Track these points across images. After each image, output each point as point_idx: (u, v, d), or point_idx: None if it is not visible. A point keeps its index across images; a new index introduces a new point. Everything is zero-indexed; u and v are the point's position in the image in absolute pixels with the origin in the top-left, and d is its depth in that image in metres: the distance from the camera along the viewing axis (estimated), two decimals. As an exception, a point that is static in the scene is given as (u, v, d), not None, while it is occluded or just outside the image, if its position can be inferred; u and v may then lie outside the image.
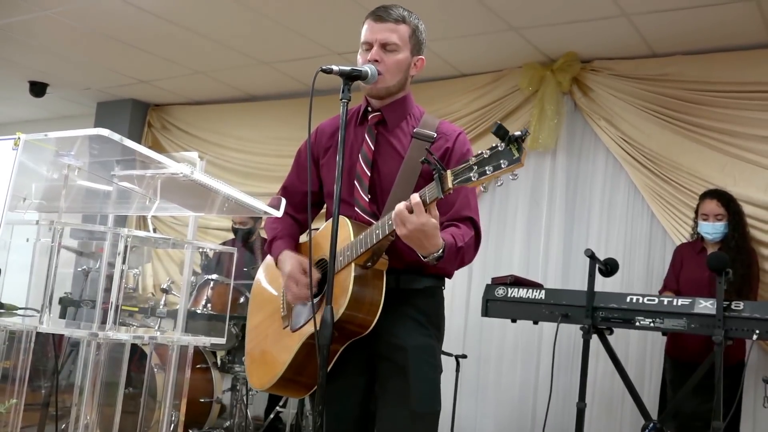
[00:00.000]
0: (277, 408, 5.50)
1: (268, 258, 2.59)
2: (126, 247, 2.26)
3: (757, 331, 3.46)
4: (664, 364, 4.36)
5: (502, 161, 1.83)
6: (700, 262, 4.22)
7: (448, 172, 1.91)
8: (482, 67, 5.62)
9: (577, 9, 4.53)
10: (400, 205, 1.96)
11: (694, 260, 4.28)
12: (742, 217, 4.31)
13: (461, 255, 2.14)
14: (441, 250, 2.01)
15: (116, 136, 1.86)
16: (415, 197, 1.94)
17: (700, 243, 4.33)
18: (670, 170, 4.84)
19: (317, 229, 2.36)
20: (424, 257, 2.03)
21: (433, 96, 5.69)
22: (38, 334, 2.38)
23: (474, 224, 2.23)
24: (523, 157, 1.82)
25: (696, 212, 4.34)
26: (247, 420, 5.21)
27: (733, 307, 3.52)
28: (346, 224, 2.18)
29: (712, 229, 4.20)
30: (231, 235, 6.20)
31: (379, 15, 2.26)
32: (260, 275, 2.60)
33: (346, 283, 2.11)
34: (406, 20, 2.28)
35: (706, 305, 3.58)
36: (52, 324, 2.29)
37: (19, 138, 1.89)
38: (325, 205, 2.50)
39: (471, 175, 1.87)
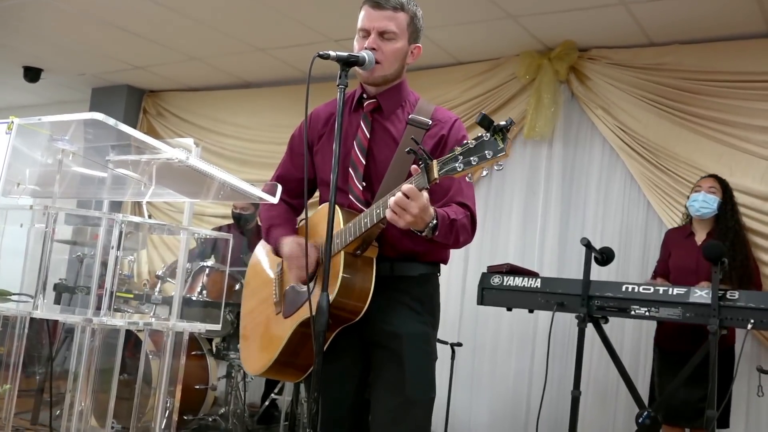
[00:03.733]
0: (273, 395, 5.51)
1: (262, 244, 2.58)
2: (121, 232, 2.25)
3: (752, 321, 3.46)
4: (653, 352, 4.38)
5: (486, 151, 1.84)
6: (688, 246, 4.23)
7: (434, 162, 1.92)
8: (479, 55, 5.61)
9: (575, -3, 4.53)
10: (397, 195, 1.95)
11: (682, 245, 4.29)
12: (736, 204, 4.31)
13: (455, 229, 2.14)
14: (435, 221, 2.02)
15: (111, 121, 1.85)
16: (408, 186, 1.93)
17: (688, 227, 4.32)
18: (666, 160, 4.84)
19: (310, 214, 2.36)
20: (421, 232, 2.03)
21: (430, 84, 5.67)
22: (32, 320, 2.37)
23: (468, 208, 2.22)
24: (508, 148, 1.83)
25: (692, 189, 4.31)
26: (243, 407, 5.22)
27: (728, 296, 3.53)
28: (336, 212, 2.18)
29: (702, 198, 4.15)
30: (225, 221, 6.20)
31: (377, 2, 2.24)
32: (254, 261, 2.60)
33: (336, 270, 2.12)
34: (405, 7, 2.26)
35: (701, 294, 3.59)
36: (46, 310, 2.28)
37: (12, 122, 1.88)
38: (318, 192, 2.49)
39: (456, 165, 1.88)
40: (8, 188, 2.38)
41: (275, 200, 2.27)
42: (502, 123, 1.82)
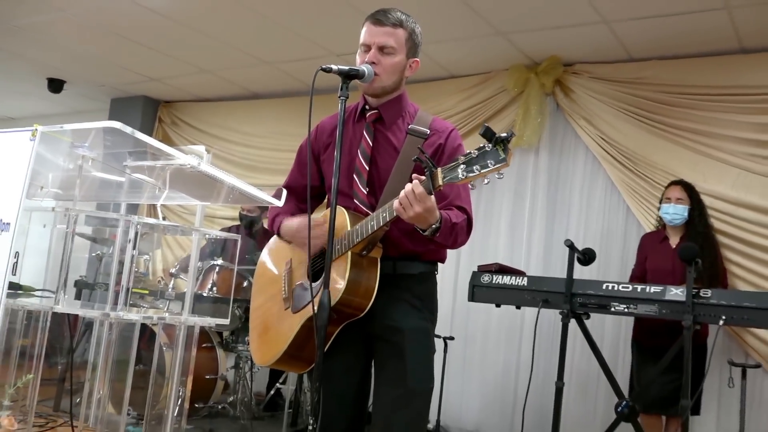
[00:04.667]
0: (278, 384, 5.50)
1: (271, 242, 2.58)
2: (137, 233, 2.25)
3: (724, 317, 3.47)
4: (631, 347, 4.39)
5: (489, 161, 1.83)
6: (663, 250, 4.25)
7: (439, 170, 1.91)
8: (471, 69, 5.61)
9: (560, 15, 4.52)
10: (407, 190, 1.95)
11: (657, 249, 4.31)
12: (704, 207, 4.32)
13: (455, 232, 2.14)
14: (438, 222, 2.03)
15: (128, 129, 1.85)
16: (419, 187, 1.93)
17: (662, 232, 4.34)
18: (644, 167, 4.84)
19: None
20: (424, 231, 2.04)
21: (426, 96, 5.67)
22: (54, 314, 2.37)
23: (465, 212, 2.22)
24: (509, 158, 1.82)
25: (660, 200, 4.35)
26: (249, 395, 5.21)
27: (701, 294, 3.53)
28: (343, 215, 2.18)
29: (673, 210, 4.20)
30: (234, 223, 6.20)
31: (378, 19, 2.24)
32: (263, 258, 2.59)
33: (343, 269, 2.12)
34: (404, 24, 2.26)
35: (676, 293, 3.59)
36: (66, 305, 2.28)
37: (36, 130, 1.87)
38: (326, 197, 2.49)
39: (459, 173, 1.87)
40: (32, 191, 2.37)
41: (280, 203, 2.27)
42: (504, 134, 1.81)
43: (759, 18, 4.22)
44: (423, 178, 1.94)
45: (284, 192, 2.30)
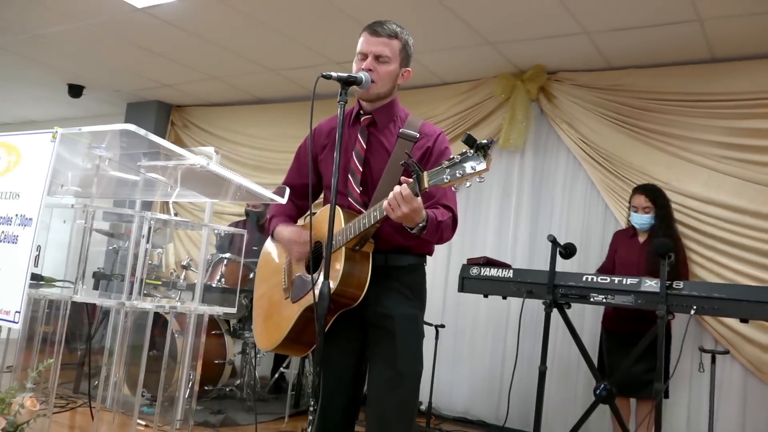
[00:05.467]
0: (282, 369, 5.51)
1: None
2: (150, 228, 2.25)
3: (695, 307, 3.48)
4: (600, 335, 4.40)
5: (470, 166, 1.84)
6: (633, 246, 4.28)
7: (425, 173, 1.92)
8: (462, 77, 5.61)
9: (545, 27, 4.53)
10: (395, 192, 1.96)
11: (627, 244, 4.34)
12: (668, 209, 4.34)
13: (441, 229, 2.15)
14: (425, 221, 2.03)
15: (141, 131, 1.85)
16: (406, 189, 1.94)
17: (632, 229, 4.36)
18: (622, 168, 4.85)
19: (315, 213, 2.36)
20: (411, 229, 2.05)
21: (420, 101, 5.67)
22: (73, 303, 2.37)
23: (451, 210, 2.23)
24: (489, 163, 1.83)
25: (629, 203, 4.37)
26: (255, 379, 5.21)
27: (674, 286, 3.54)
28: (338, 213, 2.19)
29: (640, 220, 4.25)
30: (241, 218, 6.19)
31: (375, 29, 2.24)
32: (265, 252, 2.60)
33: (338, 263, 2.13)
34: (398, 36, 2.27)
35: (651, 284, 3.60)
36: (85, 295, 2.28)
37: (56, 132, 1.87)
38: (323, 194, 2.49)
39: (444, 177, 1.88)
40: (53, 189, 2.38)
41: (284, 201, 2.28)
42: (484, 141, 1.82)
43: (729, 29, 4.23)
44: (410, 180, 1.95)
45: (287, 190, 2.31)
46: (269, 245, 2.59)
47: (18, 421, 1.76)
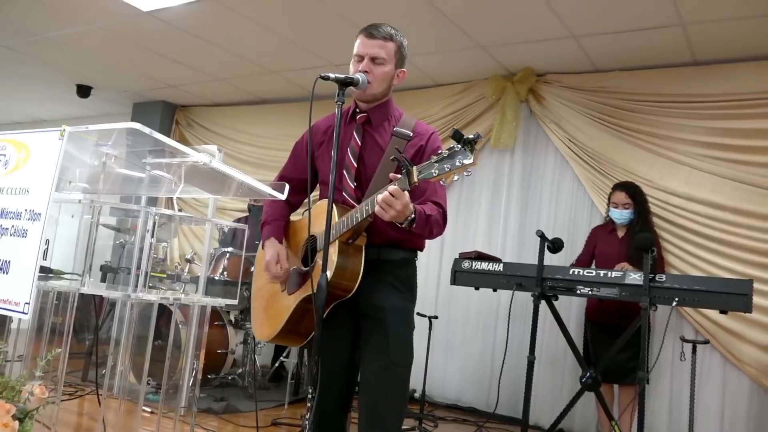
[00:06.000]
0: (281, 358, 5.51)
1: None
2: (154, 223, 2.24)
3: (677, 299, 3.49)
4: (584, 326, 4.41)
5: (457, 160, 1.83)
6: (612, 240, 4.30)
7: (414, 168, 1.92)
8: (455, 79, 5.60)
9: (533, 31, 4.52)
10: (384, 194, 1.95)
11: (607, 239, 4.35)
12: (646, 206, 4.37)
13: (430, 223, 2.14)
14: (413, 215, 2.02)
15: (146, 129, 1.83)
16: (394, 187, 1.94)
17: (611, 224, 4.37)
18: (607, 166, 4.85)
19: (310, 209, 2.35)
20: (401, 224, 2.03)
21: (415, 102, 5.66)
22: (82, 295, 2.36)
23: (440, 206, 2.22)
24: (476, 157, 1.83)
25: (608, 199, 4.38)
26: (256, 368, 5.21)
27: (657, 278, 3.55)
28: (332, 207, 2.17)
29: (620, 215, 4.27)
30: (244, 214, 6.18)
31: (371, 32, 2.23)
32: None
33: (332, 256, 2.11)
34: (393, 38, 2.26)
35: (635, 277, 3.60)
36: (91, 287, 2.27)
37: (64, 130, 1.86)
38: (318, 189, 2.48)
39: (432, 171, 1.88)
40: (62, 185, 2.36)
41: (283, 197, 2.26)
42: (471, 136, 1.82)
43: (710, 33, 4.23)
44: (399, 176, 1.95)
45: (286, 187, 2.29)
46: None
47: (27, 408, 1.75)
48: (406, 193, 1.96)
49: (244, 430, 4.00)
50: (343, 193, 2.27)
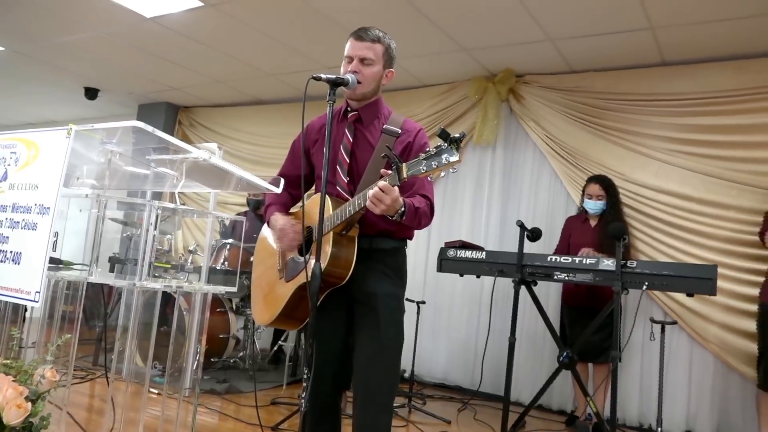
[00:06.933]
0: (280, 342, 5.50)
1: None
2: (157, 216, 2.22)
3: (647, 283, 3.50)
4: (561, 309, 4.43)
5: (444, 157, 1.82)
6: (586, 230, 4.31)
7: (404, 165, 1.91)
8: (440, 79, 5.59)
9: (514, 35, 4.51)
10: (375, 190, 1.94)
11: (581, 228, 4.36)
12: (618, 197, 4.39)
13: (419, 215, 2.13)
14: (403, 208, 2.02)
15: (149, 127, 1.82)
16: (384, 183, 1.93)
17: (584, 215, 4.38)
18: (582, 161, 4.86)
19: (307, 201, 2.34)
20: (392, 217, 2.03)
21: (402, 101, 5.65)
22: (93, 285, 2.34)
23: (428, 199, 2.21)
24: (461, 155, 1.82)
25: (583, 191, 4.39)
26: (256, 351, 5.20)
27: (628, 264, 3.56)
28: (327, 201, 2.17)
29: (593, 206, 4.28)
30: (244, 209, 6.16)
31: (360, 35, 2.22)
32: (261, 236, 2.58)
33: (327, 246, 2.11)
34: (381, 40, 2.24)
35: (608, 263, 3.61)
36: (99, 276, 2.25)
37: (71, 128, 1.83)
38: (313, 184, 2.47)
39: (421, 167, 1.87)
40: (70, 181, 2.34)
41: (279, 191, 2.26)
42: (457, 135, 1.81)
43: (677, 36, 4.23)
44: (390, 172, 1.94)
45: (282, 181, 2.29)
46: (265, 231, 2.58)
47: (39, 390, 1.74)
48: (396, 188, 1.95)
49: (245, 409, 4.00)
50: (337, 187, 2.26)
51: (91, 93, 7.08)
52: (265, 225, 2.56)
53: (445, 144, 1.82)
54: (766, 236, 3.86)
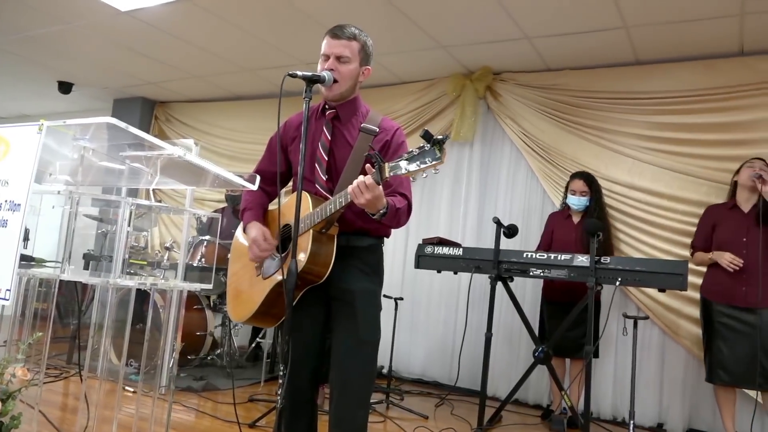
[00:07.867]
0: (258, 339, 5.48)
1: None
2: (131, 212, 2.19)
3: (620, 279, 3.56)
4: (541, 304, 4.47)
5: (427, 158, 1.82)
6: (568, 226, 4.34)
7: (386, 164, 1.90)
8: (418, 77, 5.59)
9: (491, 32, 4.53)
10: (360, 180, 1.93)
11: (563, 225, 4.39)
12: (601, 194, 4.42)
13: (398, 215, 2.14)
14: (385, 208, 2.02)
15: (122, 124, 1.79)
16: (369, 179, 1.92)
17: (567, 211, 4.42)
18: (557, 157, 4.90)
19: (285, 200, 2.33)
20: (373, 215, 2.03)
21: (381, 98, 5.64)
22: (68, 283, 2.31)
23: (406, 198, 2.22)
24: (444, 157, 1.81)
25: (566, 188, 4.42)
26: (234, 348, 5.17)
27: (602, 261, 3.60)
28: (306, 198, 2.16)
29: (577, 202, 4.30)
30: (221, 205, 6.11)
31: (336, 33, 2.21)
32: (238, 233, 2.57)
33: (306, 244, 2.10)
34: (357, 38, 2.23)
35: (582, 259, 3.66)
36: (72, 274, 2.22)
37: (42, 124, 1.80)
38: (291, 182, 2.46)
39: (403, 168, 1.86)
40: (43, 177, 2.30)
41: (255, 187, 2.24)
42: (440, 137, 1.81)
43: (651, 36, 4.29)
44: (374, 170, 1.94)
45: (257, 177, 2.27)
46: (242, 227, 2.56)
47: (10, 389, 1.71)
48: (380, 186, 1.95)
49: (222, 406, 3.98)
50: (316, 185, 2.25)
51: (65, 87, 6.96)
52: (241, 224, 2.54)
53: (428, 145, 1.82)
54: (695, 255, 3.94)
